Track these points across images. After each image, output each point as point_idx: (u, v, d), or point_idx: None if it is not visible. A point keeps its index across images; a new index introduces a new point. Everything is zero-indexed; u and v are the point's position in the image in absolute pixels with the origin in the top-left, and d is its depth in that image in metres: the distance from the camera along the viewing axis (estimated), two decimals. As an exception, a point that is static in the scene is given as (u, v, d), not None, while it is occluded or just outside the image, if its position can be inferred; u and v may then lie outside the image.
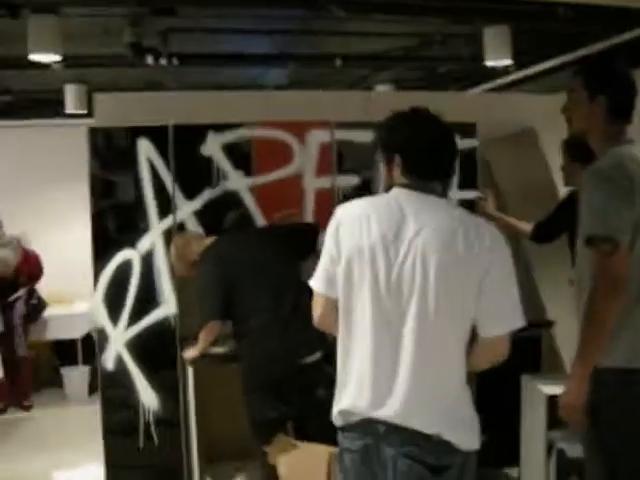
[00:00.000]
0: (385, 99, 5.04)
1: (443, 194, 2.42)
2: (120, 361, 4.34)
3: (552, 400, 3.81)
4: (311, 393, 3.93)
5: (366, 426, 2.32)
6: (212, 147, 4.41)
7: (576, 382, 2.67)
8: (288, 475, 3.57)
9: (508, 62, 5.92)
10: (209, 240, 4.09)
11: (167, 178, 4.35)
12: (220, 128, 4.42)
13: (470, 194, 4.85)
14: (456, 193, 4.82)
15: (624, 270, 2.58)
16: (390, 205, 2.37)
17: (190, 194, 4.39)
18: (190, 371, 4.20)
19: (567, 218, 3.99)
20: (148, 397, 4.37)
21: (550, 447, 4.04)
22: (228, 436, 4.51)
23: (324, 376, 3.95)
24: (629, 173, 2.65)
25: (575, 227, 2.83)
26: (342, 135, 4.61)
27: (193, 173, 4.43)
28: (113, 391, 4.39)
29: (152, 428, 4.38)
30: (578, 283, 2.79)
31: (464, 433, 2.31)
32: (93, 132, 4.33)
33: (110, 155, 4.38)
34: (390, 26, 5.81)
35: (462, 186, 4.83)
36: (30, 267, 7.02)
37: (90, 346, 6.43)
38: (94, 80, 6.67)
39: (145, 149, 4.32)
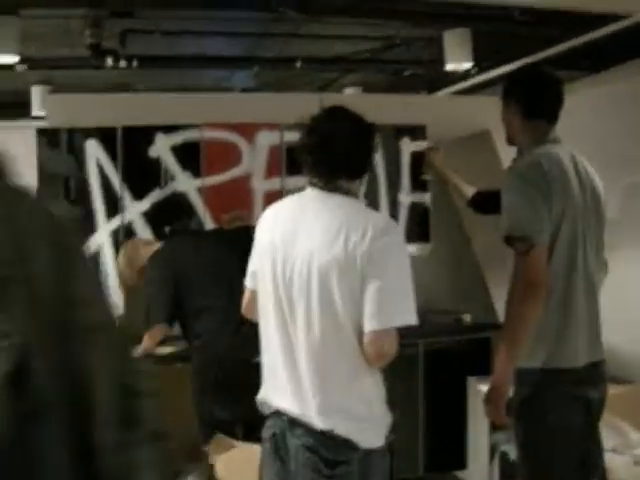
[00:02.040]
0: (338, 101, 5.03)
1: (351, 192, 2.44)
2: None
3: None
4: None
5: (276, 416, 2.42)
6: (160, 148, 4.42)
7: (498, 381, 2.70)
8: (224, 474, 3.58)
9: (468, 65, 5.92)
10: (157, 245, 4.10)
11: (115, 179, 4.37)
12: (169, 129, 4.44)
13: (421, 145, 4.91)
14: (408, 196, 4.85)
15: (541, 270, 2.60)
16: (296, 204, 2.43)
17: (138, 195, 4.41)
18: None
19: None
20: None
21: (493, 449, 4.05)
22: (178, 437, 4.51)
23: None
24: (545, 173, 2.67)
25: None
26: (292, 137, 4.63)
27: (141, 174, 4.44)
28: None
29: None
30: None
31: (363, 430, 2.33)
32: (42, 133, 4.36)
33: (59, 156, 4.39)
34: (352, 29, 5.81)
35: (414, 188, 4.86)
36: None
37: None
38: (61, 82, 6.67)
39: (93, 150, 4.34)
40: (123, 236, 4.34)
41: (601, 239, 2.87)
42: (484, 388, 4.04)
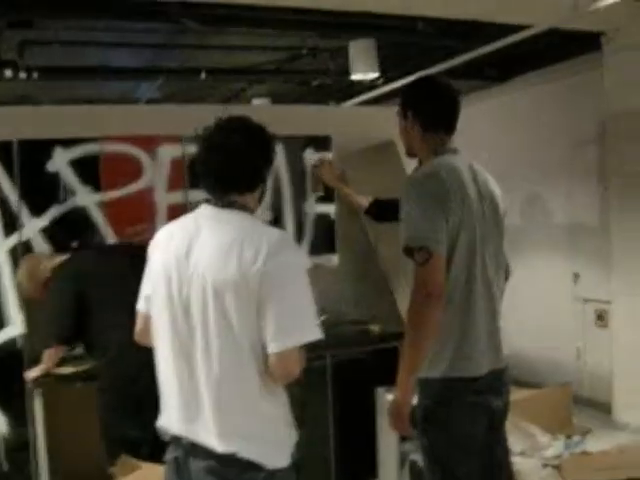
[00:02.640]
0: (242, 112, 4.98)
1: (247, 206, 2.37)
2: (-34, 385, 4.19)
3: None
4: None
5: (176, 441, 2.34)
6: (59, 163, 4.29)
7: (401, 392, 2.69)
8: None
9: (374, 76, 5.97)
10: (59, 258, 3.97)
11: (12, 195, 4.22)
12: (67, 143, 4.31)
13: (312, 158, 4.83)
14: (313, 207, 4.83)
15: (439, 280, 2.61)
16: (190, 222, 2.36)
17: (37, 211, 4.26)
18: (38, 393, 4.08)
19: None
20: (-4, 421, 4.23)
21: (403, 458, 4.06)
22: (82, 459, 4.41)
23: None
24: (443, 183, 2.68)
25: None
26: (194, 149, 4.56)
27: (40, 189, 4.29)
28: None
29: (1, 454, 4.23)
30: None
31: (267, 452, 2.27)
32: None
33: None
34: (257, 39, 5.80)
35: (319, 199, 4.85)
36: None
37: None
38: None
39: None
40: (22, 254, 4.19)
41: (500, 246, 2.89)
42: (391, 398, 4.08)
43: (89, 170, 4.37)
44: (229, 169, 2.34)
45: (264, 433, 2.28)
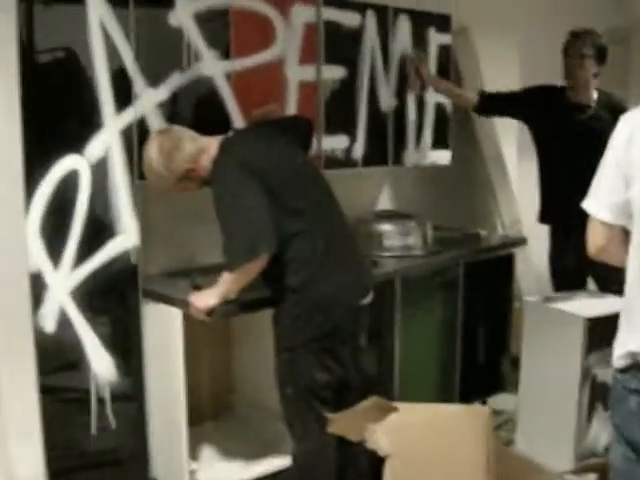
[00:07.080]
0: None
1: None
2: (64, 317, 3.01)
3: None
4: (358, 343, 3.14)
5: None
6: (182, 14, 3.19)
7: None
8: (405, 446, 2.69)
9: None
10: (208, 141, 2.93)
11: (127, 55, 3.05)
12: (193, -11, 3.21)
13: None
14: (433, 96, 4.21)
15: None
16: None
17: (154, 79, 3.14)
18: (180, 325, 3.08)
19: (523, 105, 4.00)
20: (102, 365, 3.11)
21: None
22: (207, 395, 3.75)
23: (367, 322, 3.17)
24: None
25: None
26: (331, 14, 3.69)
27: (159, 50, 3.19)
28: (54, 359, 3.05)
29: (108, 406, 3.14)
30: None
31: None
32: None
33: (47, 19, 2.90)
34: None
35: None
36: None
37: None
38: None
39: (98, 10, 2.97)
40: (137, 135, 3.07)
41: None
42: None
43: (217, 30, 3.31)
44: None
45: None
